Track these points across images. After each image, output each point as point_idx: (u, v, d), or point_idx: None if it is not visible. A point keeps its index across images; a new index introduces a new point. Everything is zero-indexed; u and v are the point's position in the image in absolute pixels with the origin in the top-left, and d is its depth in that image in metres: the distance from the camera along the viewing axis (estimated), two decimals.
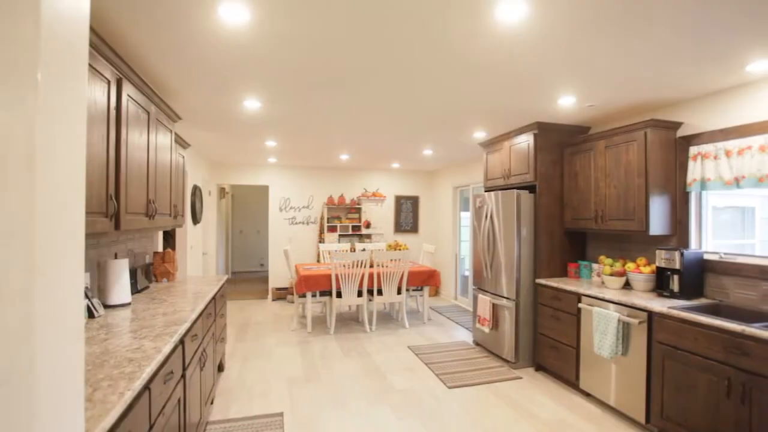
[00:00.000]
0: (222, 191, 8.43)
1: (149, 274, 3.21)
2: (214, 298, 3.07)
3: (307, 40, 2.10)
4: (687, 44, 2.12)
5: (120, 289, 2.32)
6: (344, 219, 7.26)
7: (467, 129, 4.18)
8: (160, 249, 3.98)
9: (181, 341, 1.95)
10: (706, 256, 2.93)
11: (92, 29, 1.63)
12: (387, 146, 5.22)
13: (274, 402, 3.12)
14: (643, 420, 2.69)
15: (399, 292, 5.29)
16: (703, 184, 2.90)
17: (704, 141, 2.92)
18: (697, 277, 2.90)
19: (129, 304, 2.39)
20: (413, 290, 5.67)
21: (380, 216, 7.29)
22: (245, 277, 9.45)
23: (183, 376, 1.95)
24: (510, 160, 4.16)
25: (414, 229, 7.85)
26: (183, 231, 4.97)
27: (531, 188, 3.97)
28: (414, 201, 7.84)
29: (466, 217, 6.88)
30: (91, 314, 2.03)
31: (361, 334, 4.93)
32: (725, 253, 2.84)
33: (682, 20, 1.87)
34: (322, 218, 7.22)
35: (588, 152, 3.58)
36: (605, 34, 2.02)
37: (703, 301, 2.81)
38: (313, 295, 5.12)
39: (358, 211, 7.31)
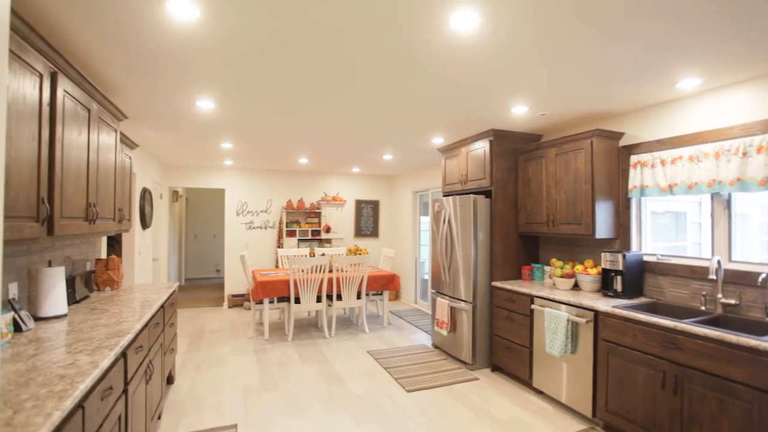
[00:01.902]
0: (175, 194, 8.05)
1: (90, 282, 3.00)
2: (162, 306, 2.91)
3: (260, 42, 2.05)
4: (628, 61, 2.27)
5: (54, 299, 2.14)
6: (303, 223, 7.14)
7: (426, 134, 4.25)
8: (104, 255, 3.73)
9: (123, 354, 1.83)
10: (645, 258, 3.13)
11: (20, 17, 1.51)
12: (347, 150, 5.20)
13: (228, 413, 2.99)
14: (590, 414, 2.83)
15: (359, 296, 5.26)
16: (643, 191, 3.11)
17: (643, 150, 3.13)
18: (637, 278, 3.09)
19: (65, 315, 2.22)
20: (373, 294, 5.67)
21: (340, 220, 7.23)
22: (200, 283, 9.06)
23: (125, 391, 1.83)
24: (467, 165, 4.27)
25: (374, 233, 7.85)
26: (130, 236, 4.69)
27: (487, 193, 4.09)
28: (374, 205, 7.85)
29: (426, 221, 6.97)
30: (18, 328, 1.86)
31: (320, 340, 4.86)
32: (662, 255, 3.06)
33: (624, 39, 1.99)
34: (280, 223, 7.07)
35: (540, 159, 3.73)
36: (554, 49, 2.12)
37: (642, 299, 3.00)
38: (271, 302, 4.99)
39: (318, 215, 7.23)
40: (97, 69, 2.43)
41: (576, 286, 3.47)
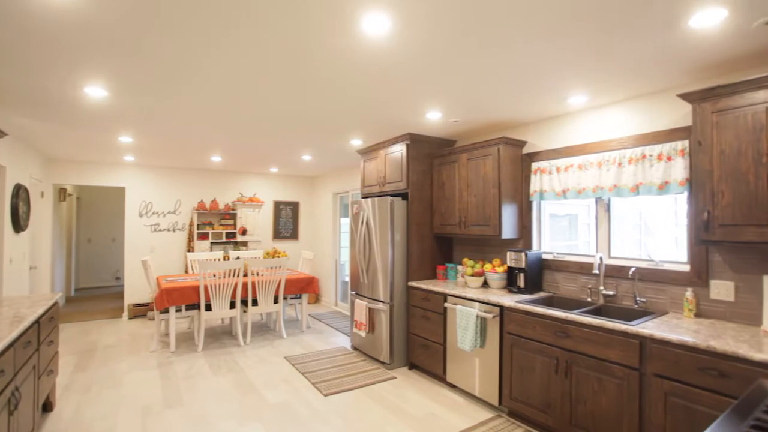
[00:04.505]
0: (62, 193, 7.06)
1: None
2: (37, 321, 2.51)
3: (157, 22, 1.87)
4: (527, 76, 2.47)
5: None
6: (217, 225, 6.71)
7: (344, 136, 4.23)
8: None
9: None
10: (544, 256, 3.44)
11: None
12: (262, 149, 4.98)
13: None
14: (497, 403, 3.02)
15: (276, 301, 5.07)
16: (542, 195, 3.41)
17: (542, 158, 3.44)
18: (537, 274, 3.38)
19: None
20: (292, 298, 5.50)
21: (257, 222, 6.92)
22: (95, 293, 8.05)
23: None
24: (385, 168, 4.34)
25: (294, 235, 7.65)
26: None
27: (404, 195, 4.19)
28: (294, 207, 7.65)
29: (346, 223, 6.96)
30: None
31: (234, 349, 4.59)
32: (557, 253, 3.38)
33: (523, 57, 2.17)
34: (191, 225, 6.56)
35: (453, 164, 3.92)
36: (462, 59, 2.23)
37: (541, 294, 3.29)
38: (178, 310, 4.60)
39: (233, 217, 6.84)
40: None
41: (485, 284, 3.70)
